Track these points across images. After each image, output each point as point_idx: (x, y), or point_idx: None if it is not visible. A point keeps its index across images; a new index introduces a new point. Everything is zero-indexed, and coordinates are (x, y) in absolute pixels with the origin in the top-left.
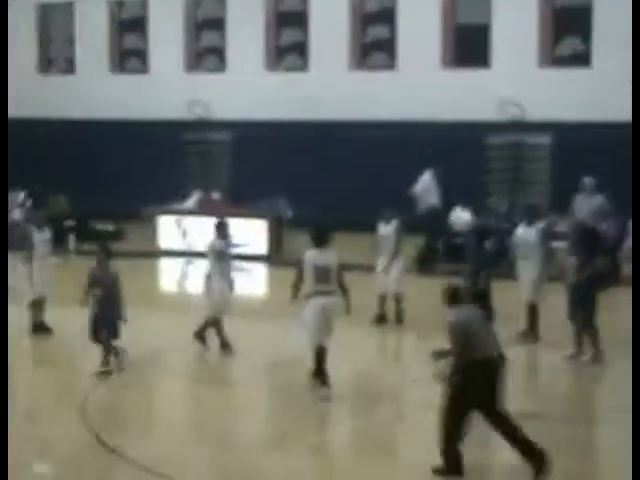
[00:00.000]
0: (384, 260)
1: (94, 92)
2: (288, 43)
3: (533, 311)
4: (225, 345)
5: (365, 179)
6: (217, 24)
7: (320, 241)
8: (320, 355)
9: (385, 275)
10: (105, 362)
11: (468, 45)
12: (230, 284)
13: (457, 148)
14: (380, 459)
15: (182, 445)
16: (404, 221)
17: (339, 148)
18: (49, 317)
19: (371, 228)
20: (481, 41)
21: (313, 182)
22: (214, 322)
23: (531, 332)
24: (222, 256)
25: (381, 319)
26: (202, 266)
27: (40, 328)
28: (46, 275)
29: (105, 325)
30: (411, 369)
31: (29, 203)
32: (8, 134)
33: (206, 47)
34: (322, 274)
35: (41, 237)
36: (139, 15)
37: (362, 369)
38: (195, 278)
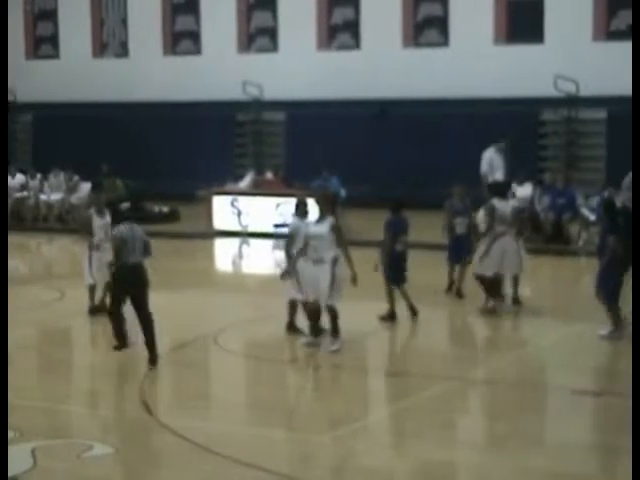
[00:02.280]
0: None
1: (147, 75)
2: (339, 22)
3: None
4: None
5: (419, 157)
6: (268, 5)
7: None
8: None
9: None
10: None
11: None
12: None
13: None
14: None
15: (241, 425)
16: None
17: (392, 126)
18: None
19: (427, 206)
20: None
21: (366, 161)
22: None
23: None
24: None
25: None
26: (256, 246)
27: (99, 310)
28: (105, 259)
29: None
30: None
31: (89, 187)
32: (61, 117)
33: (258, 28)
34: None
35: (101, 222)
36: None
37: None
38: (249, 258)
